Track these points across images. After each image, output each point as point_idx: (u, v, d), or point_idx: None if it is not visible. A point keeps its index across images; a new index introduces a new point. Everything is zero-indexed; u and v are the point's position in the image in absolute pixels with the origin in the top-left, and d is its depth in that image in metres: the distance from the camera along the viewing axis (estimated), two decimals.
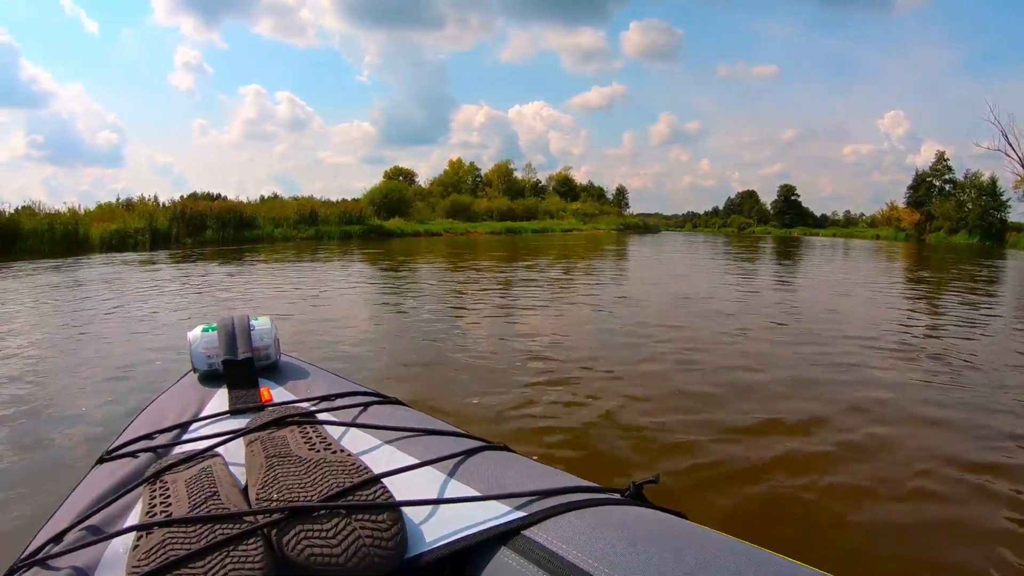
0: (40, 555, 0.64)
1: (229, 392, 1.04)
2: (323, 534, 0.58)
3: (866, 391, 3.62)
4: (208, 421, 0.95)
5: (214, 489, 0.67)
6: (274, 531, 0.59)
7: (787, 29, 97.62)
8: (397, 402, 1.00)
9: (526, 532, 0.60)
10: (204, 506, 0.63)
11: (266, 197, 29.62)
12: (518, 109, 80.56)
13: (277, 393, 1.05)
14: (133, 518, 0.69)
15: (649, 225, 52.56)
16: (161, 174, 56.95)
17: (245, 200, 27.60)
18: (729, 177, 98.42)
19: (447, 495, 0.68)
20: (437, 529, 0.63)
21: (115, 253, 18.44)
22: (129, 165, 52.29)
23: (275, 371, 1.16)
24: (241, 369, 1.08)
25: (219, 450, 0.80)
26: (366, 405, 0.96)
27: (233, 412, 0.96)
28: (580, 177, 55.88)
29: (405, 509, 0.63)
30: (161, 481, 0.71)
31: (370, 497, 0.63)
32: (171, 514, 0.63)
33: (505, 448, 0.81)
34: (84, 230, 19.79)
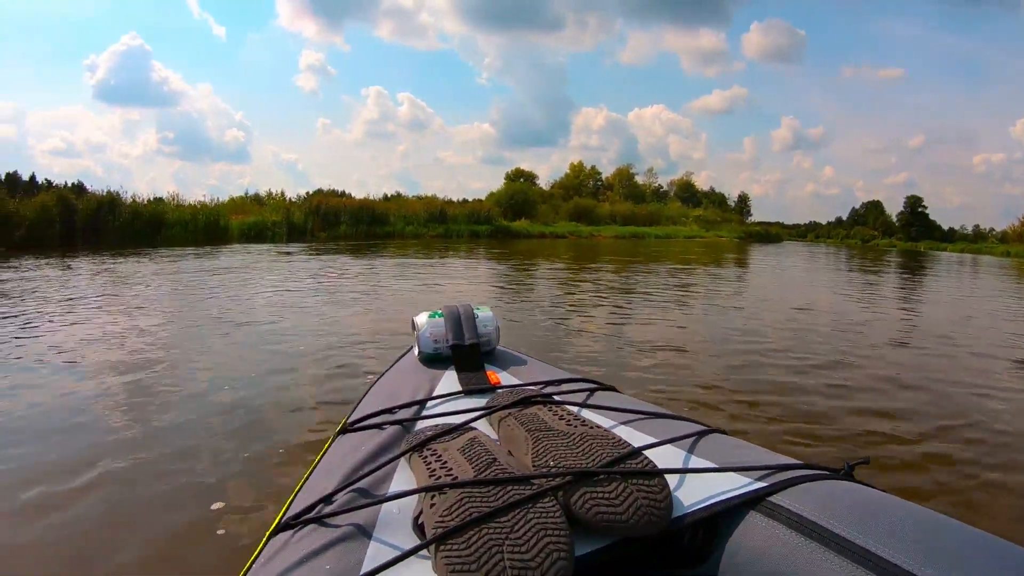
0: (313, 514, 0.72)
1: (458, 374, 1.17)
2: (606, 495, 0.65)
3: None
4: (444, 399, 1.05)
5: (492, 456, 0.74)
6: (560, 492, 0.67)
7: (913, 29, 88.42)
8: (613, 388, 1.08)
9: (770, 499, 0.66)
10: (489, 471, 0.70)
11: (389, 195, 29.79)
12: (637, 112, 78.21)
13: (503, 377, 1.16)
14: (400, 482, 0.77)
15: (771, 234, 48.18)
16: (285, 171, 60.90)
17: (367, 197, 27.57)
18: (853, 185, 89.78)
19: (691, 467, 0.75)
20: (691, 495, 0.69)
21: (253, 244, 18.72)
22: (255, 161, 56.43)
23: (495, 357, 1.28)
24: (468, 353, 1.22)
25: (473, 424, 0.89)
26: (591, 390, 1.05)
27: (467, 392, 1.08)
28: (701, 183, 53.04)
29: (665, 477, 0.70)
30: (430, 450, 0.79)
31: (638, 465, 0.70)
32: (456, 478, 0.69)
33: (723, 431, 0.87)
34: (224, 221, 19.87)
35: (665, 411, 0.94)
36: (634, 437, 0.83)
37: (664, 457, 0.77)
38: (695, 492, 0.70)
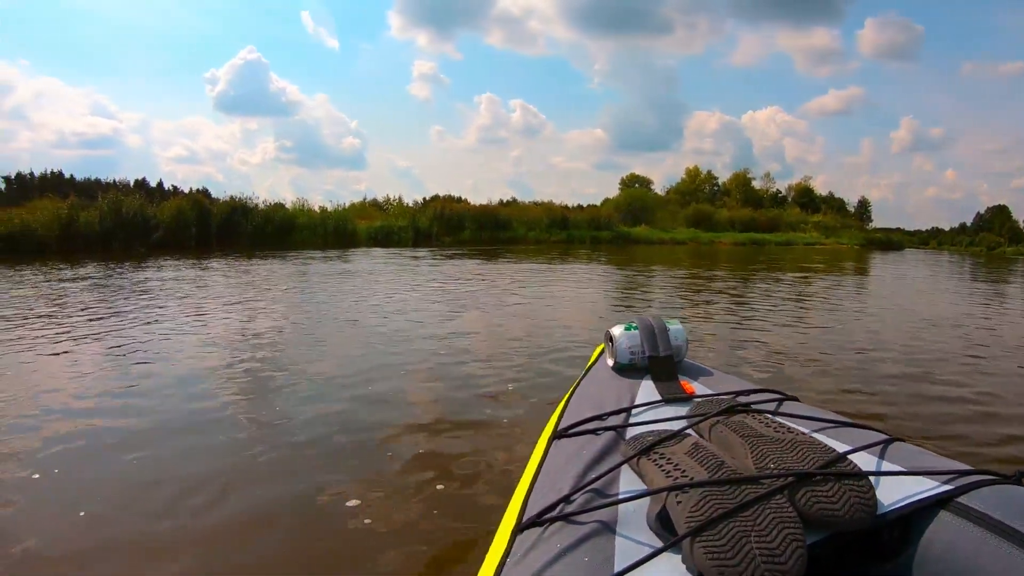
0: (556, 512, 0.79)
1: (655, 383, 1.22)
2: (825, 494, 0.72)
3: None
4: (648, 407, 1.11)
5: (719, 459, 0.80)
6: (785, 491, 0.73)
7: None
8: (795, 398, 1.13)
9: (958, 500, 0.72)
10: (720, 472, 0.77)
11: (505, 200, 29.02)
12: (751, 115, 74.37)
13: (696, 386, 1.21)
14: (628, 483, 0.83)
15: (892, 241, 43.94)
16: (400, 176, 62.79)
17: (488, 202, 26.62)
18: (976, 189, 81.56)
19: (885, 471, 0.81)
20: (887, 496, 0.76)
21: (379, 247, 18.55)
22: (371, 168, 58.37)
23: (685, 368, 1.34)
24: (664, 364, 1.29)
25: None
26: (779, 400, 1.11)
27: (667, 401, 1.13)
28: (818, 187, 49.29)
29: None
30: (657, 453, 0.85)
31: (846, 468, 0.78)
32: (692, 479, 0.75)
33: (903, 439, 0.92)
34: (352, 226, 19.42)
35: (848, 419, 1.01)
36: (831, 443, 0.89)
37: (860, 461, 0.83)
38: (891, 493, 0.77)
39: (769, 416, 0.97)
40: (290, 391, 3.46)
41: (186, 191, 23.11)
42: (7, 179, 35.53)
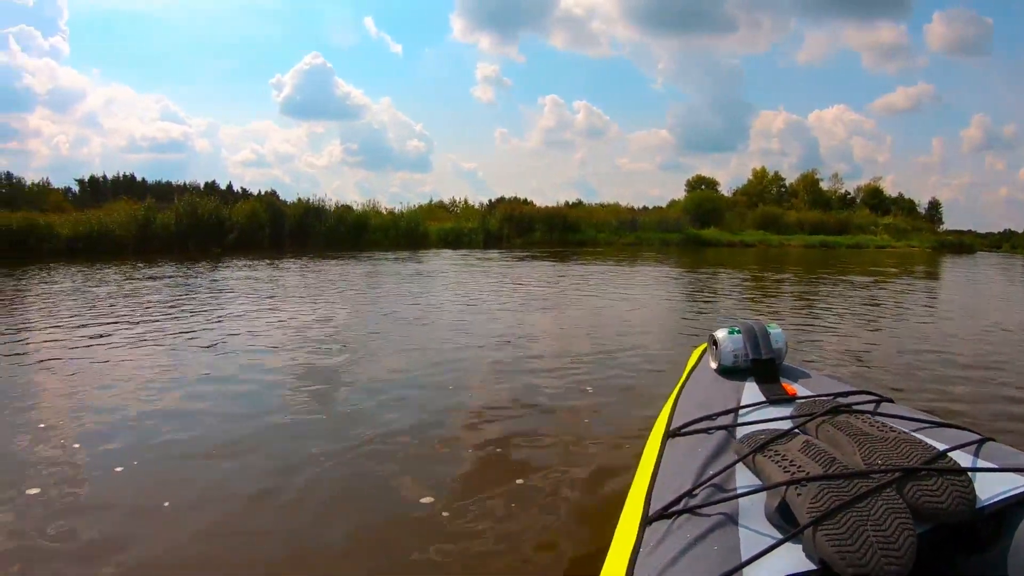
0: (681, 506, 0.84)
1: (759, 385, 1.28)
2: (931, 488, 0.77)
3: None
4: (754, 408, 1.17)
5: (831, 456, 0.85)
6: (894, 485, 0.78)
7: None
8: (890, 400, 1.18)
9: None
10: (833, 467, 0.81)
11: (570, 202, 28.47)
12: (817, 114, 71.44)
13: (797, 388, 1.27)
14: (744, 479, 0.88)
15: (964, 244, 41.59)
16: (464, 178, 63.25)
17: (557, 204, 26.21)
18: None
19: (981, 468, 0.85)
20: (984, 491, 0.80)
21: (450, 249, 18.39)
22: (436, 170, 59.01)
23: (785, 370, 1.40)
24: (766, 367, 1.35)
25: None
26: (876, 401, 1.16)
27: (771, 402, 1.19)
28: (887, 187, 46.99)
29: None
30: (771, 451, 0.89)
31: (947, 464, 0.82)
32: (807, 474, 0.80)
33: (994, 439, 0.97)
34: (424, 227, 19.03)
35: (943, 420, 1.06)
36: (930, 441, 0.93)
37: (958, 458, 0.86)
38: (987, 489, 0.80)
39: (870, 416, 1.02)
40: (362, 386, 3.57)
41: (254, 193, 23.04)
42: (81, 182, 36.91)
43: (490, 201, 24.14)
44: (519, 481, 2.26)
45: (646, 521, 0.85)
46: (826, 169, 69.02)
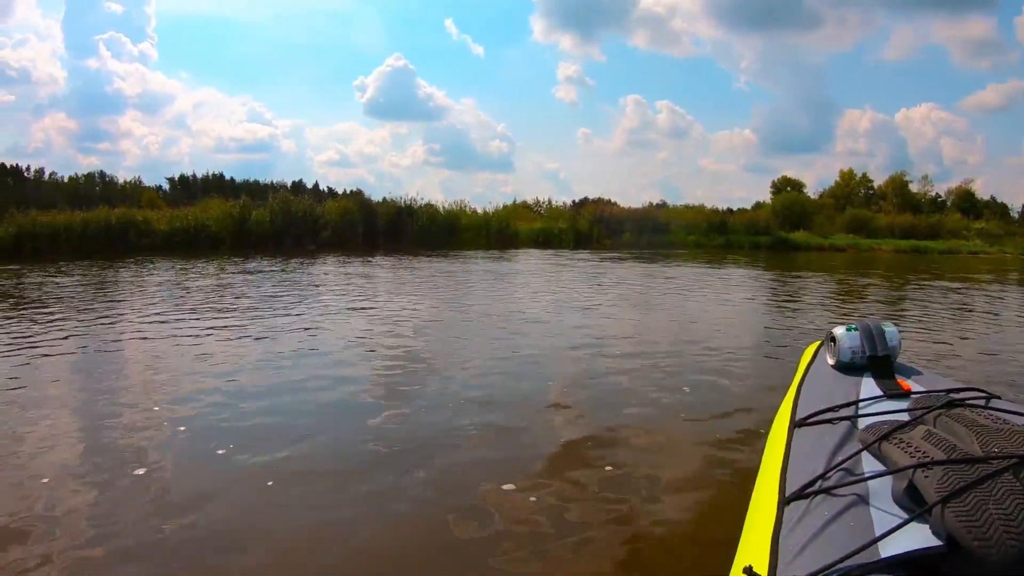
0: (816, 487, 0.92)
1: (875, 380, 1.35)
2: None
3: None
4: (873, 401, 1.24)
5: (951, 443, 0.89)
6: (1011, 470, 0.81)
7: None
8: (998, 396, 1.22)
9: None
10: (954, 454, 0.85)
11: (655, 203, 27.78)
12: (905, 112, 68.03)
13: (911, 384, 1.32)
14: (870, 464, 0.95)
15: None
16: (547, 179, 63.32)
17: (646, 205, 25.85)
18: None
19: None
20: None
21: (540, 249, 18.22)
22: (518, 170, 59.37)
23: (899, 367, 1.46)
24: (883, 363, 1.42)
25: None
26: (986, 397, 1.19)
27: (888, 396, 1.26)
28: (978, 190, 44.28)
29: None
30: (896, 439, 0.95)
31: None
32: (932, 459, 0.85)
33: None
34: (514, 227, 18.63)
35: None
36: None
37: None
38: None
39: (983, 410, 1.07)
40: (453, 378, 3.72)
41: (340, 192, 23.21)
42: (171, 180, 38.42)
43: (574, 202, 23.83)
44: (608, 469, 2.37)
45: (784, 501, 0.93)
46: (915, 171, 65.69)
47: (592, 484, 2.22)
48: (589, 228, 19.83)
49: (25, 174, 33.05)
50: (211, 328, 5.30)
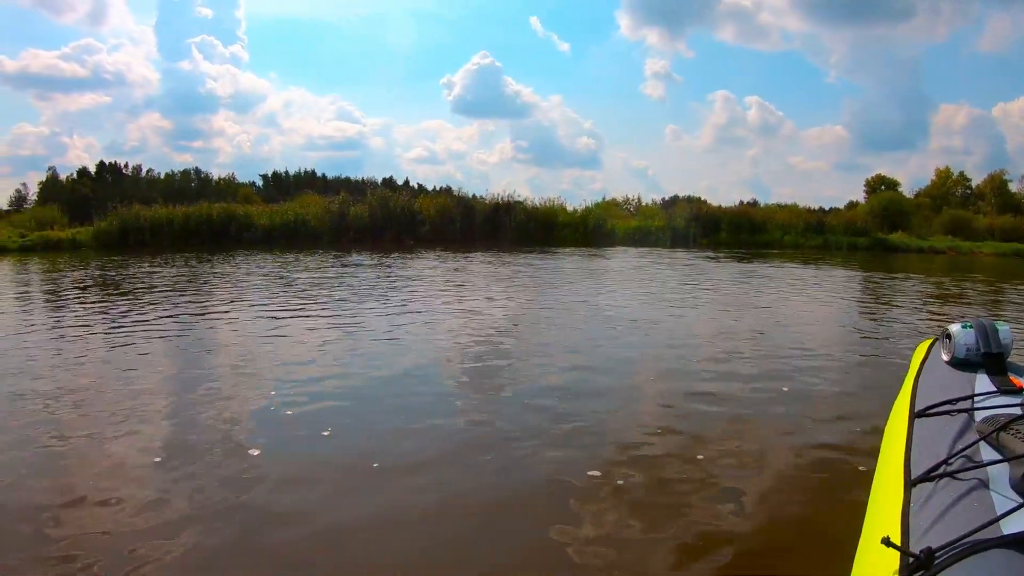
0: (940, 471, 0.99)
1: (989, 377, 1.39)
2: None
3: None
4: (988, 396, 1.28)
5: None
6: None
7: None
8: None
9: None
10: None
11: (745, 202, 27.09)
12: (1002, 107, 64.12)
13: (1023, 381, 1.37)
14: (988, 452, 1.01)
15: None
16: (635, 176, 63.15)
17: (742, 204, 25.08)
18: None
19: None
20: None
21: (637, 247, 17.98)
22: (605, 167, 59.49)
23: (1011, 365, 1.49)
24: (995, 360, 1.45)
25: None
26: None
27: (1001, 391, 1.30)
28: None
29: None
30: (1013, 430, 1.00)
31: None
32: None
33: None
34: (611, 224, 18.47)
35: None
36: None
37: None
38: None
39: None
40: (539, 369, 3.88)
41: (429, 189, 23.46)
42: (264, 177, 40.18)
43: (663, 199, 23.37)
44: (700, 456, 2.47)
45: (910, 483, 1.01)
46: (1014, 169, 61.84)
47: (679, 476, 2.30)
48: (685, 227, 19.42)
49: (123, 171, 34.89)
50: (314, 318, 5.63)
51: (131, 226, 20.75)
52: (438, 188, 24.23)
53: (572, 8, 66.19)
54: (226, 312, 6.09)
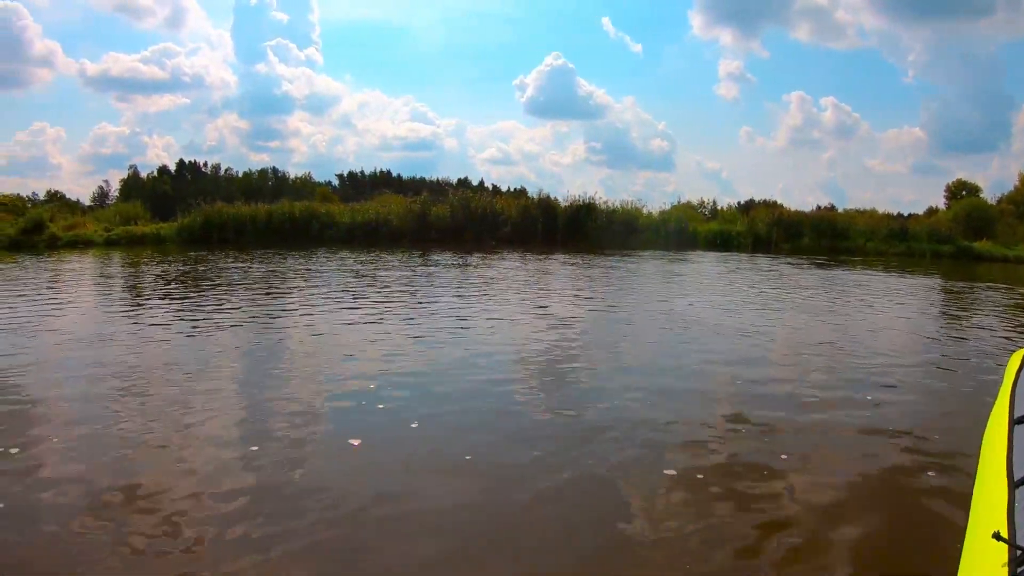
0: None
1: None
2: None
3: None
4: None
5: None
6: None
7: None
8: None
9: None
10: None
11: (822, 206, 26.51)
12: None
13: None
14: None
15: None
16: (708, 179, 62.28)
17: (794, 208, 24.23)
18: None
19: None
20: None
21: (717, 252, 17.95)
22: (678, 169, 59.05)
23: None
24: None
25: None
26: None
27: None
28: None
29: None
30: None
31: None
32: None
33: None
34: (692, 228, 18.33)
35: None
36: None
37: None
38: None
39: None
40: (618, 371, 4.09)
41: (504, 190, 23.77)
42: (340, 176, 41.64)
43: (739, 203, 23.12)
44: (784, 457, 2.59)
45: (1014, 485, 1.08)
46: None
47: (755, 479, 2.39)
48: (767, 232, 19.16)
49: (202, 169, 36.50)
50: (401, 316, 5.99)
51: (214, 222, 21.60)
52: (512, 189, 24.50)
53: (644, 8, 65.31)
54: (320, 307, 6.51)
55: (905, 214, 25.87)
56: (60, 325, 5.31)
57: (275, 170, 38.73)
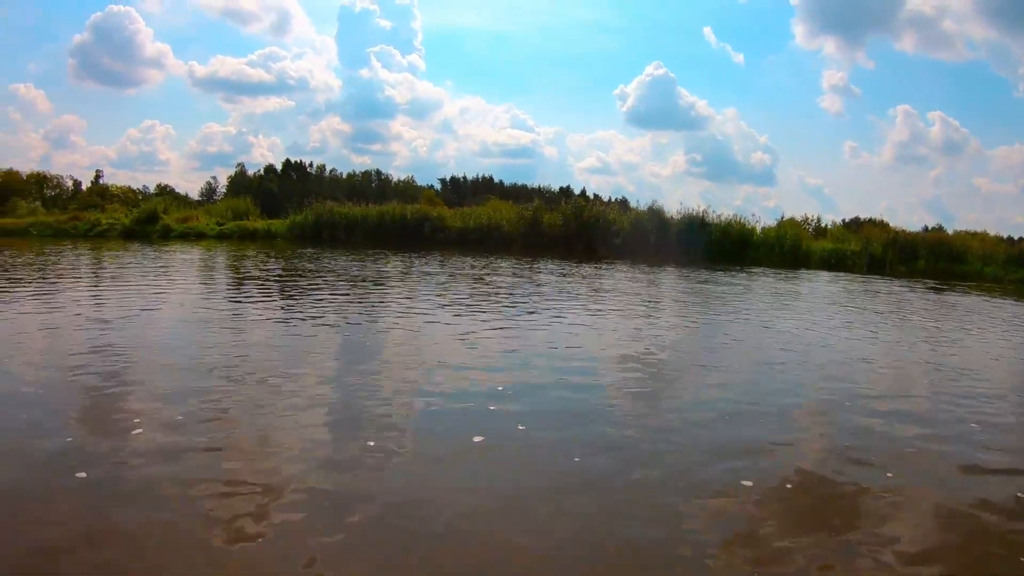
0: None
1: None
2: None
3: None
4: None
5: None
6: None
7: None
8: None
9: None
10: None
11: (929, 227, 25.71)
12: None
13: None
14: None
15: None
16: (810, 195, 60.54)
17: (898, 227, 23.56)
18: None
19: None
20: None
21: (830, 271, 17.66)
22: (780, 184, 57.62)
23: None
24: None
25: None
26: None
27: None
28: None
29: None
30: None
31: None
32: None
33: None
34: (807, 245, 18.27)
35: None
36: None
37: None
38: None
39: None
40: (710, 387, 4.40)
41: (605, 200, 24.31)
42: (443, 181, 43.96)
43: (844, 221, 22.70)
44: (883, 478, 2.87)
45: None
46: None
47: (850, 498, 2.62)
48: (883, 252, 18.92)
49: (308, 169, 38.71)
50: (510, 321, 6.51)
51: (325, 221, 22.88)
52: (613, 199, 25.06)
53: (745, 17, 62.91)
54: (440, 309, 7.22)
55: (1015, 237, 24.79)
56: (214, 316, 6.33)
57: (379, 172, 41.03)
